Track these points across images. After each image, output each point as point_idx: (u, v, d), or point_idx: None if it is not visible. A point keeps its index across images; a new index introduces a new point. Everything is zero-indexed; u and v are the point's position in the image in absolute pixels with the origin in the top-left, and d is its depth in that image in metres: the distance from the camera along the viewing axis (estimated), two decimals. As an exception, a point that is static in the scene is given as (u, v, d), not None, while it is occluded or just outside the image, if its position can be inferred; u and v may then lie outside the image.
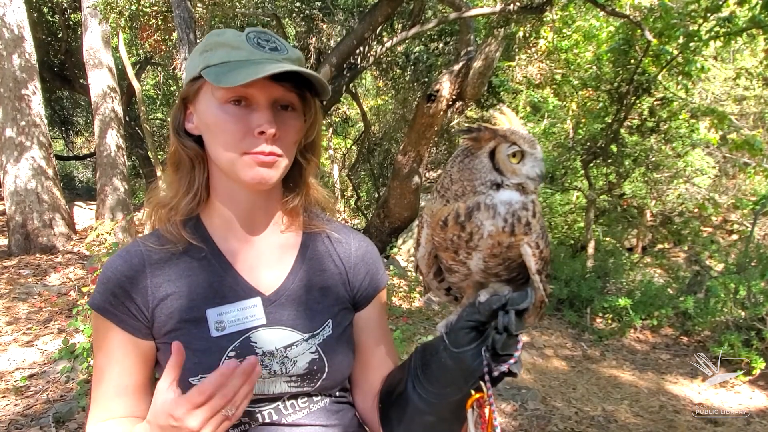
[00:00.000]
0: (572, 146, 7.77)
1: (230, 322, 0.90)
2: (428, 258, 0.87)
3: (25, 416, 3.08)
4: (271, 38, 0.90)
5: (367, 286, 1.04)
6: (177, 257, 0.93)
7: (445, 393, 0.84)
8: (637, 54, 6.30)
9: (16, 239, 6.85)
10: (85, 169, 17.18)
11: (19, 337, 4.31)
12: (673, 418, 3.60)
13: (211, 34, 0.91)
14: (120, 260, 0.92)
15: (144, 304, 0.90)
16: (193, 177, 0.95)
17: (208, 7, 6.40)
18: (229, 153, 0.87)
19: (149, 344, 0.92)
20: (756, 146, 6.32)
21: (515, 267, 0.80)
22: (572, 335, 5.39)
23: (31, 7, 9.03)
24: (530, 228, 0.76)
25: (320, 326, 0.95)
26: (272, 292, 0.94)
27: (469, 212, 0.77)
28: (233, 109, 0.86)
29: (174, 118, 0.95)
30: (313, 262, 1.00)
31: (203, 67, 0.86)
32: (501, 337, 0.76)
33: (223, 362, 0.86)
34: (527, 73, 8.47)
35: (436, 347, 0.84)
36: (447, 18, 6.25)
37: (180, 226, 0.94)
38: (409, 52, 8.30)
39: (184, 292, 0.91)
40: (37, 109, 7.08)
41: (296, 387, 0.93)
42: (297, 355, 0.92)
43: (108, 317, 0.90)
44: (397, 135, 10.64)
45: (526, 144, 0.76)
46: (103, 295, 0.90)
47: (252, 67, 0.83)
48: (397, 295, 5.78)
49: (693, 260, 7.60)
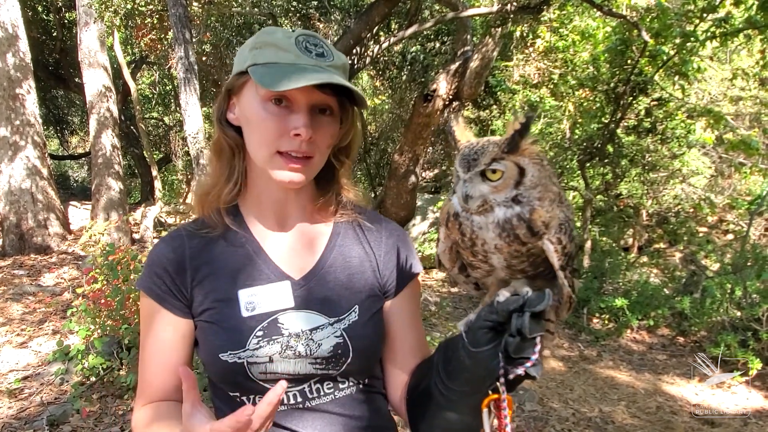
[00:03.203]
0: (569, 146, 7.77)
1: (260, 303, 0.95)
2: (450, 253, 0.87)
3: (18, 419, 3.05)
4: (319, 42, 0.93)
5: (398, 274, 1.05)
6: (215, 241, 1.00)
7: (464, 391, 0.84)
8: (633, 54, 6.30)
9: (10, 239, 6.80)
10: (80, 168, 17.10)
11: (12, 339, 4.28)
12: (671, 419, 3.60)
13: (262, 32, 0.95)
14: (163, 244, 1.00)
15: (183, 284, 0.96)
16: (233, 166, 1.00)
17: (203, 6, 6.37)
18: (264, 150, 0.91)
19: (189, 323, 0.98)
20: (753, 146, 6.34)
21: (540, 262, 0.78)
22: (569, 336, 5.39)
23: (26, 6, 8.98)
24: (536, 232, 0.75)
25: (346, 311, 0.97)
26: (301, 277, 0.98)
27: (449, 217, 0.79)
28: (273, 108, 0.90)
29: (218, 107, 1.00)
30: (343, 249, 1.03)
31: (251, 64, 0.90)
32: (514, 340, 0.74)
33: (250, 341, 0.92)
34: (524, 73, 8.47)
35: (456, 345, 0.84)
36: (444, 18, 6.23)
37: (223, 212, 1.00)
38: (405, 52, 8.29)
39: (220, 273, 0.97)
40: (31, 109, 7.03)
41: (321, 369, 0.95)
42: (322, 339, 0.95)
43: (153, 297, 0.97)
44: (393, 135, 10.62)
45: (457, 163, 0.77)
46: (148, 277, 0.98)
47: (295, 73, 0.86)
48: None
49: (689, 260, 7.62)
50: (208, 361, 0.96)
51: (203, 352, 0.97)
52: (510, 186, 0.75)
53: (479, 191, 0.76)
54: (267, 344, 0.92)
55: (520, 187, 0.75)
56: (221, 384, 0.98)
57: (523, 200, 0.75)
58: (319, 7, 7.01)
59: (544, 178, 0.76)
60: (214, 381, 1.00)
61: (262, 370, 0.93)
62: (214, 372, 0.97)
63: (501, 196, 0.75)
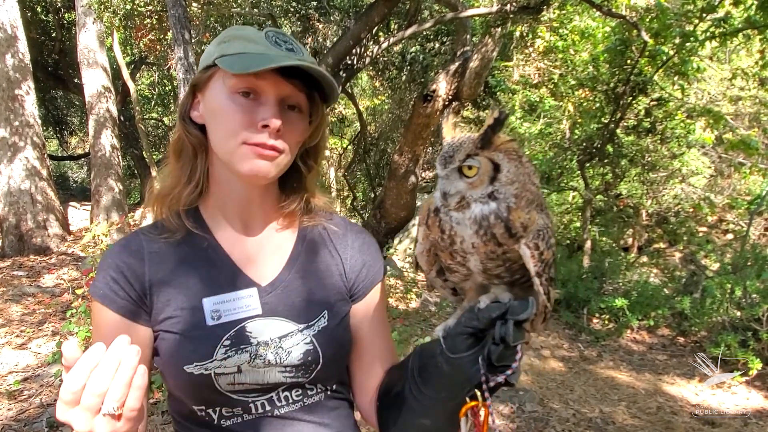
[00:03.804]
0: (568, 146, 7.77)
1: (226, 311, 0.90)
2: (428, 255, 0.85)
3: (18, 421, 3.05)
4: (288, 40, 0.91)
5: (364, 277, 1.03)
6: (175, 246, 0.94)
7: (441, 398, 0.82)
8: (633, 54, 6.30)
9: (9, 240, 6.79)
10: (80, 169, 17.09)
11: (12, 340, 4.27)
12: (671, 420, 3.60)
13: (231, 28, 0.92)
14: (119, 248, 0.94)
15: (142, 290, 0.91)
16: (195, 166, 0.95)
17: (203, 6, 6.37)
18: (230, 141, 0.87)
19: (147, 331, 0.92)
20: (752, 146, 6.34)
21: (517, 269, 0.77)
22: (569, 336, 5.39)
23: (25, 6, 8.97)
24: (515, 234, 0.73)
25: (316, 317, 0.95)
26: (268, 282, 0.95)
27: (429, 213, 0.79)
28: (241, 100, 0.86)
29: (182, 104, 0.96)
30: (309, 254, 1.00)
31: (218, 56, 0.87)
32: (497, 348, 0.74)
33: (217, 351, 0.87)
34: (524, 73, 8.47)
35: (434, 351, 0.82)
36: (443, 18, 6.23)
37: (183, 215, 0.95)
38: (405, 52, 8.28)
39: (182, 280, 0.92)
40: (30, 109, 7.02)
41: (291, 377, 0.92)
42: (291, 346, 0.92)
43: (107, 303, 0.90)
44: (393, 135, 10.62)
45: (437, 160, 0.78)
46: (103, 282, 0.91)
47: (266, 59, 0.84)
48: (394, 296, 5.76)
49: (689, 260, 7.62)
50: (170, 374, 0.90)
51: (165, 364, 0.91)
52: (485, 182, 0.74)
53: (456, 188, 0.75)
54: (235, 354, 0.88)
55: (495, 183, 0.74)
56: (184, 397, 0.92)
57: (499, 196, 0.74)
58: (319, 7, 7.00)
59: (521, 175, 0.75)
60: (176, 394, 0.94)
61: (230, 381, 0.89)
62: (178, 385, 0.91)
63: (477, 193, 0.74)
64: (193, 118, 0.94)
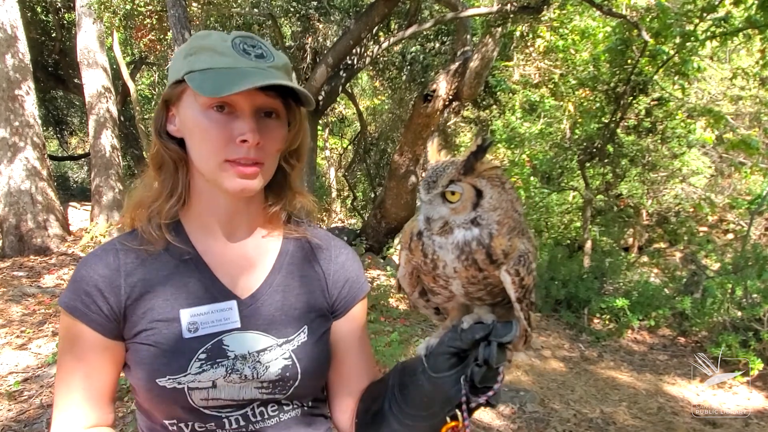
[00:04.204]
0: (569, 146, 7.77)
1: (203, 324, 0.88)
2: (410, 278, 0.85)
3: (18, 422, 3.04)
4: (257, 44, 0.88)
5: (346, 294, 1.02)
6: (154, 257, 0.91)
7: (421, 416, 0.82)
8: (633, 54, 6.30)
9: (9, 241, 6.79)
10: (80, 169, 17.07)
11: (12, 340, 4.26)
12: (672, 420, 3.60)
13: (196, 37, 0.89)
14: (94, 258, 0.90)
15: (117, 303, 0.87)
16: (177, 180, 0.93)
17: (203, 6, 6.36)
18: (211, 161, 0.86)
19: (119, 346, 0.90)
20: (752, 145, 6.34)
21: (498, 292, 0.77)
22: (570, 336, 5.39)
23: (25, 7, 8.96)
24: (495, 260, 0.74)
25: (295, 332, 0.93)
26: (248, 295, 0.93)
27: (412, 237, 0.78)
28: (216, 116, 0.84)
29: (156, 119, 0.93)
30: (291, 268, 0.98)
31: (187, 72, 0.85)
32: (480, 369, 0.74)
33: (192, 364, 0.85)
34: (524, 73, 8.47)
35: (415, 369, 0.82)
36: (444, 18, 6.23)
37: (164, 228, 0.92)
38: (405, 52, 8.28)
39: (159, 291, 0.89)
40: (30, 110, 7.01)
41: (267, 394, 0.91)
42: (269, 361, 0.90)
43: (78, 317, 0.87)
44: (393, 135, 10.62)
45: (420, 185, 0.79)
46: (74, 294, 0.88)
47: (236, 77, 0.81)
48: (395, 297, 5.75)
49: (689, 260, 7.62)
50: (142, 387, 0.87)
51: (136, 377, 0.88)
52: (468, 208, 0.74)
53: (439, 213, 0.75)
54: (210, 368, 0.86)
55: (478, 209, 0.74)
56: (156, 412, 0.90)
57: (482, 222, 0.74)
58: (319, 7, 6.99)
59: (504, 201, 0.75)
60: (147, 408, 0.91)
61: (204, 396, 0.86)
62: (150, 398, 0.88)
63: (460, 218, 0.74)
64: (170, 132, 0.92)
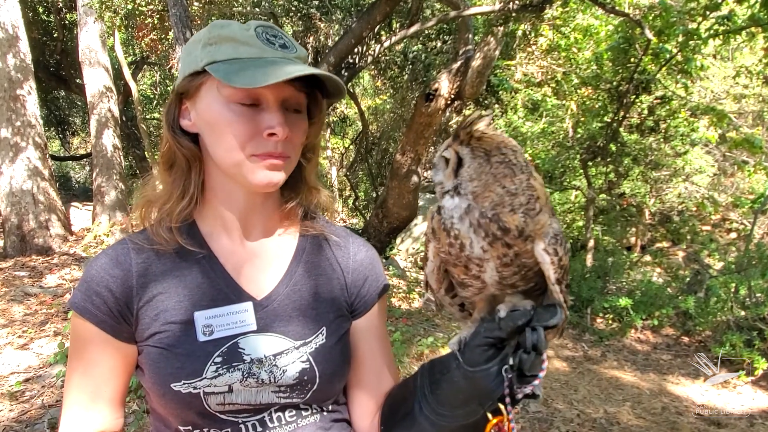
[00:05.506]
0: (571, 145, 7.75)
1: (219, 326, 0.85)
2: (437, 273, 0.82)
3: (19, 422, 3.04)
4: (278, 33, 0.85)
5: (366, 292, 0.98)
6: (166, 257, 0.88)
7: (457, 415, 0.78)
8: (636, 52, 6.28)
9: (11, 241, 6.79)
10: (82, 169, 17.09)
11: (14, 340, 4.26)
12: (676, 420, 3.58)
13: (214, 26, 0.84)
14: (105, 258, 0.87)
15: (129, 305, 0.85)
16: (189, 180, 0.89)
17: (204, 5, 6.35)
18: (236, 155, 0.82)
19: (131, 348, 0.87)
20: (756, 144, 6.31)
21: (532, 276, 0.74)
22: (573, 336, 5.37)
23: (26, 7, 8.97)
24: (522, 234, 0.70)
25: (313, 334, 0.89)
26: (264, 296, 0.89)
27: (434, 214, 0.76)
28: (240, 109, 0.81)
29: (168, 113, 0.88)
30: (309, 266, 0.94)
31: (208, 62, 0.81)
32: (529, 356, 0.71)
33: (207, 368, 0.82)
34: (527, 72, 8.44)
35: (448, 365, 0.78)
36: (446, 17, 6.20)
37: (175, 231, 0.88)
38: (407, 51, 8.26)
39: (172, 293, 0.86)
40: (32, 110, 7.01)
41: (285, 398, 0.87)
42: (287, 364, 0.86)
43: (89, 318, 0.84)
44: (395, 134, 10.60)
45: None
46: (85, 295, 0.85)
47: (268, 67, 0.78)
48: (397, 296, 5.74)
49: (692, 259, 7.59)
50: (156, 392, 0.84)
51: (150, 381, 0.84)
52: (451, 176, 0.75)
53: (438, 176, 0.78)
54: (226, 372, 0.83)
55: (458, 177, 0.74)
56: (170, 417, 0.86)
57: (462, 192, 0.73)
58: (321, 6, 6.98)
59: (485, 174, 0.72)
60: (161, 413, 0.88)
61: (220, 401, 0.83)
62: (164, 403, 0.84)
63: (448, 185, 0.75)
64: (184, 127, 0.87)
